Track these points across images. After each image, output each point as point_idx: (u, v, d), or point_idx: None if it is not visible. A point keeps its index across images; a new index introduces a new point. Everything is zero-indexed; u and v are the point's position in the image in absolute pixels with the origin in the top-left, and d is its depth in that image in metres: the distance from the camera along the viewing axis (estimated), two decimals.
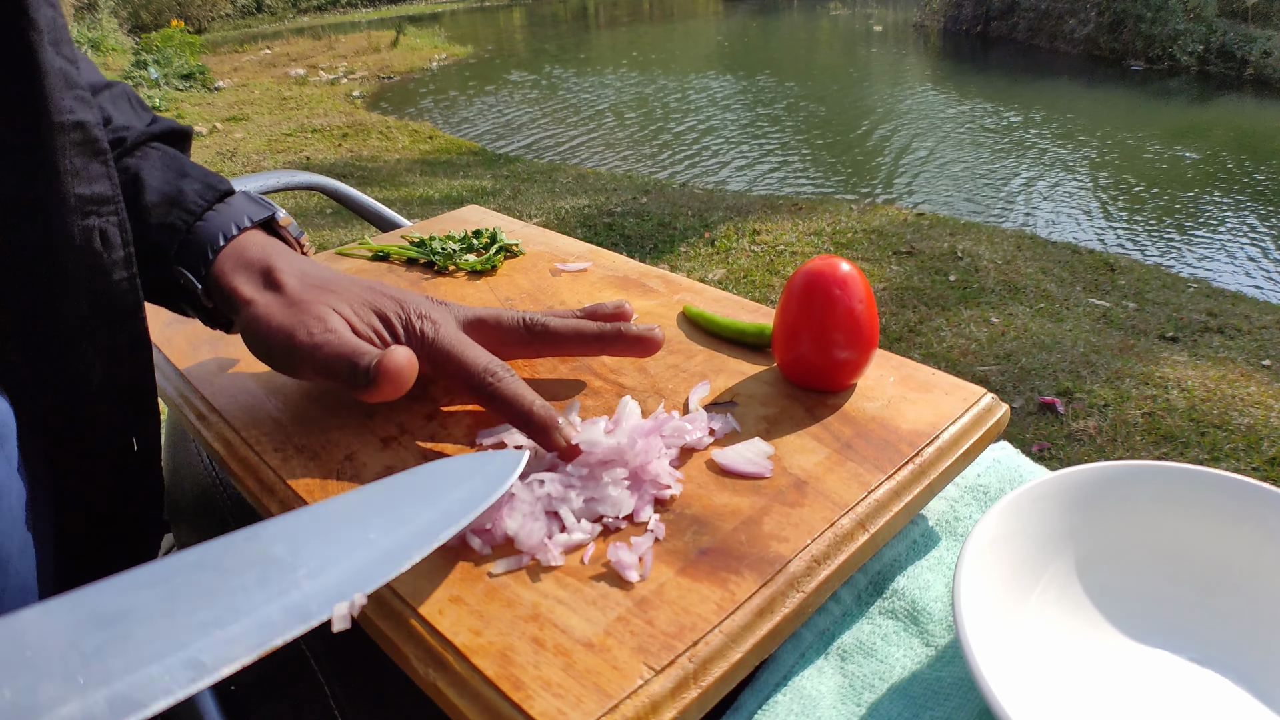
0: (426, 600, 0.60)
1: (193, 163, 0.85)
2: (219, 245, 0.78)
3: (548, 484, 0.66)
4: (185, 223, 0.78)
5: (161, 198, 0.79)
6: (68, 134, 0.65)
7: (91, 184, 0.67)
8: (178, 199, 0.79)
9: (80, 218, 0.66)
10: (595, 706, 0.52)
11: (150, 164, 0.81)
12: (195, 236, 0.78)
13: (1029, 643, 0.64)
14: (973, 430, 0.76)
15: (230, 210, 0.81)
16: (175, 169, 0.82)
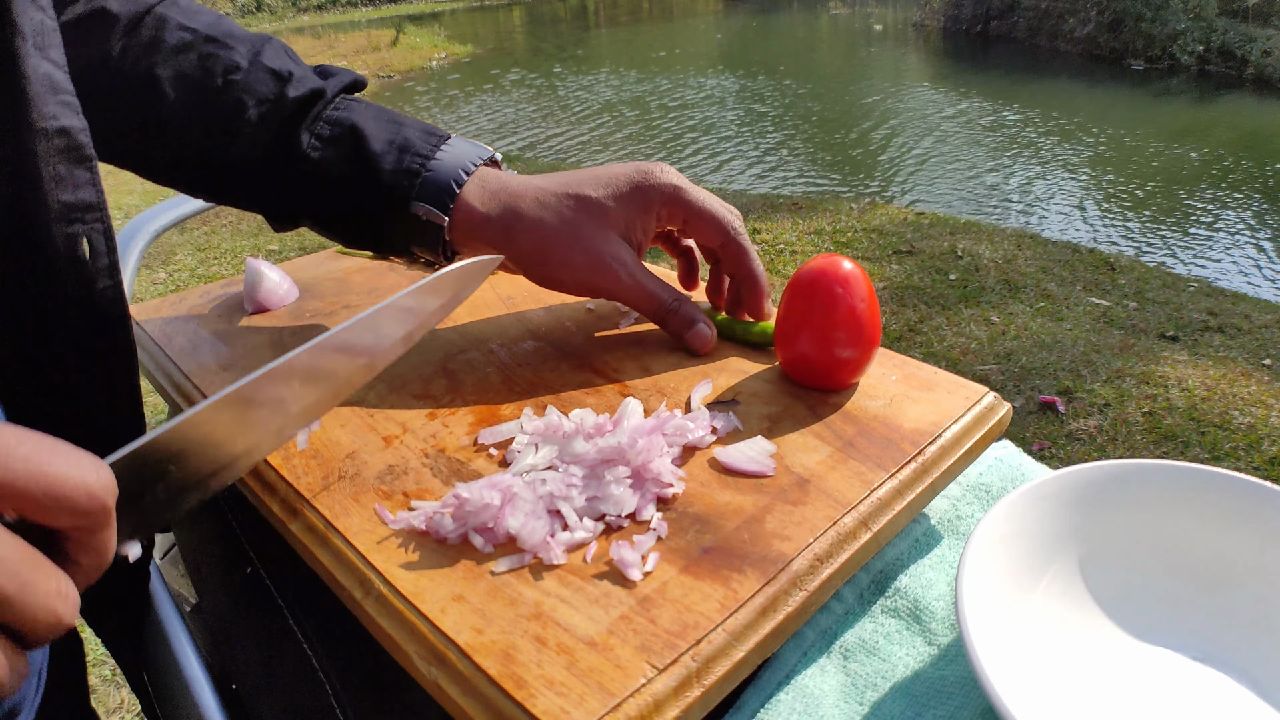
0: (428, 599, 0.60)
1: (398, 112, 0.92)
2: (462, 180, 0.87)
3: (550, 482, 0.66)
4: (421, 164, 0.86)
5: (388, 144, 0.86)
6: (51, 140, 0.64)
7: (76, 191, 0.66)
8: (405, 145, 0.86)
9: (65, 225, 0.65)
10: (598, 705, 0.52)
11: (361, 115, 0.88)
12: (433, 175, 0.86)
13: (1032, 641, 0.64)
14: (975, 429, 0.76)
15: (457, 151, 0.88)
16: (388, 118, 0.89)
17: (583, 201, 0.86)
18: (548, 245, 0.85)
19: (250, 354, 0.91)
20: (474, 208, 0.86)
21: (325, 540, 0.67)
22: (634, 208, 0.86)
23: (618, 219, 0.86)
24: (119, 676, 2.32)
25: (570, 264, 0.86)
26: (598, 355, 0.87)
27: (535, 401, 0.81)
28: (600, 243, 0.85)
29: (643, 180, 0.86)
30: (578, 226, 0.85)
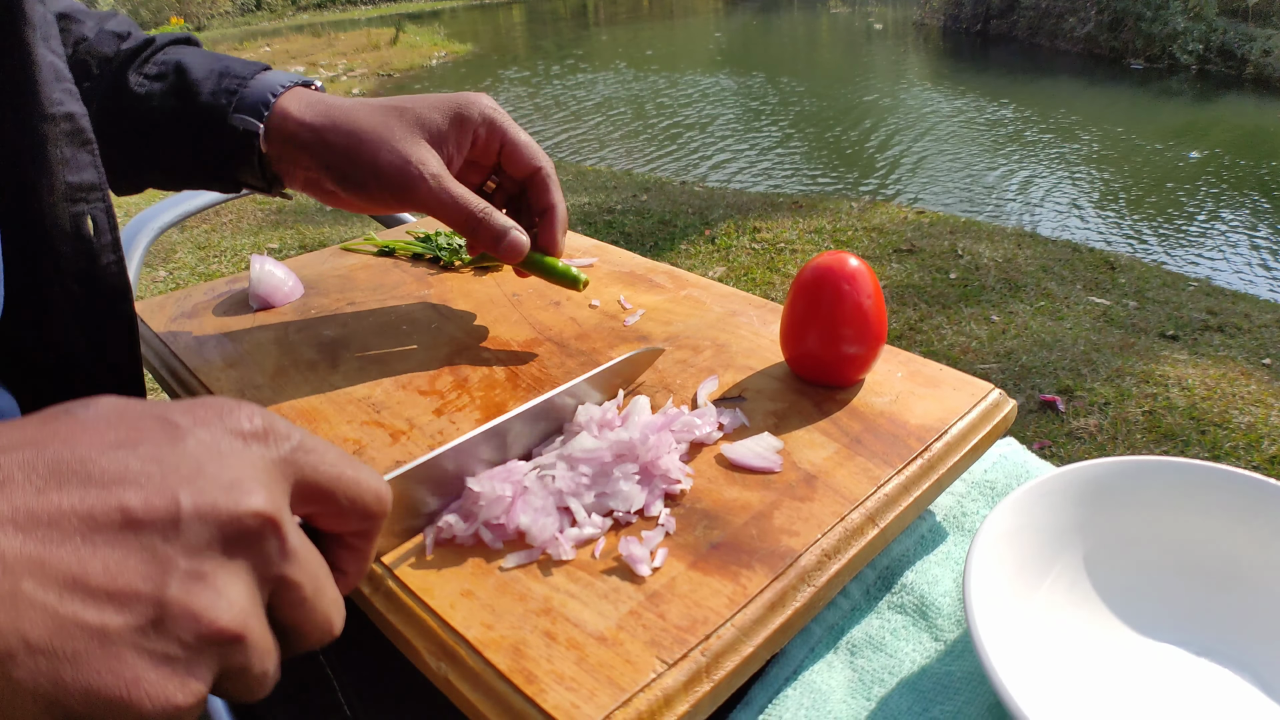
0: (437, 594, 0.60)
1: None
2: (278, 92, 0.87)
3: (559, 479, 0.66)
4: (239, 84, 0.86)
5: (209, 72, 0.87)
6: (58, 124, 0.67)
7: (80, 172, 0.70)
8: (225, 71, 0.87)
9: (70, 204, 0.69)
10: (608, 700, 0.52)
11: (187, 54, 0.90)
12: (249, 91, 0.86)
13: (1038, 636, 0.64)
14: (980, 425, 0.76)
15: (272, 75, 0.89)
16: (211, 55, 0.90)
17: (399, 110, 0.87)
18: (357, 146, 0.85)
19: (256, 351, 0.91)
20: (289, 113, 0.86)
21: None
22: (451, 123, 0.87)
23: (433, 129, 0.87)
24: None
25: (377, 167, 0.85)
26: (603, 352, 0.87)
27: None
28: (409, 146, 0.85)
29: (465, 101, 0.88)
30: (390, 129, 0.85)
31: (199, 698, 0.36)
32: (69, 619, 0.33)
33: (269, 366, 0.88)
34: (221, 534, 0.37)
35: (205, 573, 0.37)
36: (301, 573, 0.41)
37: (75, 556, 0.34)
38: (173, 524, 0.36)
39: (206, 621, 0.36)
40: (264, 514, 0.39)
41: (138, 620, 0.34)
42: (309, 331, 0.95)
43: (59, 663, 0.33)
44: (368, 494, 0.45)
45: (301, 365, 0.88)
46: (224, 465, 0.39)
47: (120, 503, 0.35)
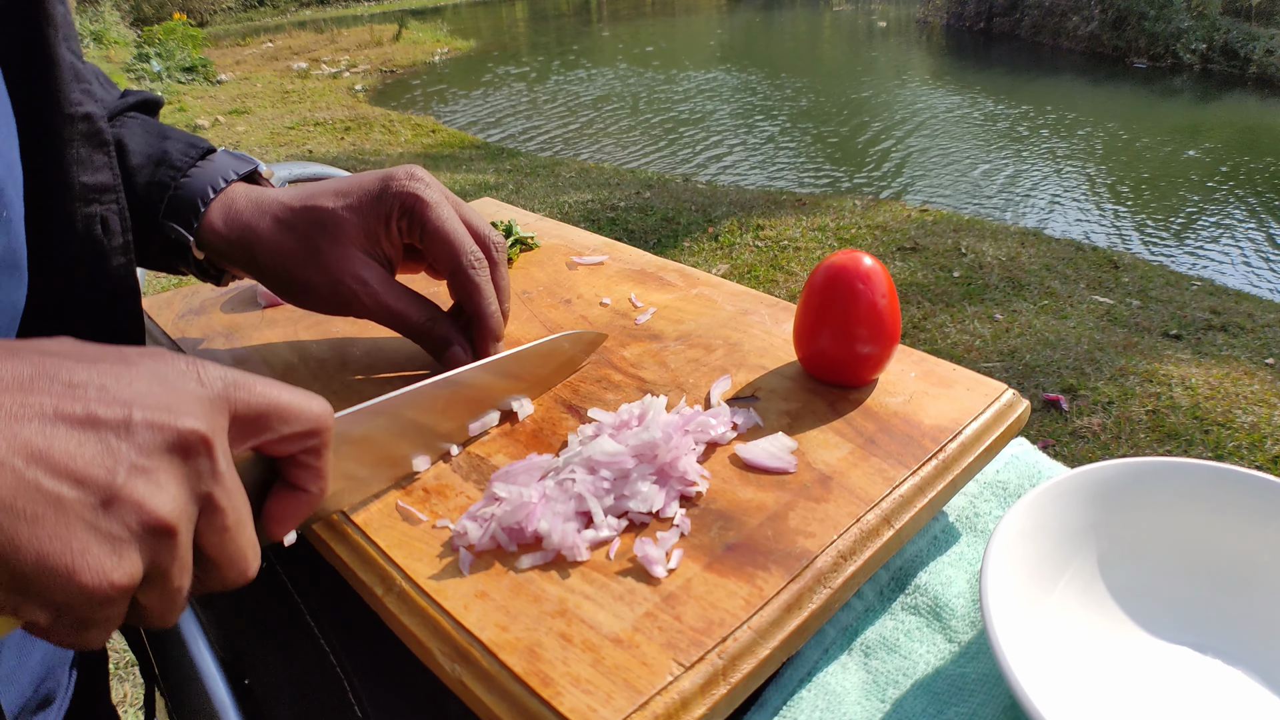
0: (451, 595, 0.59)
1: (172, 126, 0.87)
2: (209, 198, 0.81)
3: (579, 483, 0.65)
4: (172, 179, 0.81)
5: (146, 159, 0.82)
6: (76, 125, 0.67)
7: (95, 173, 0.69)
8: (162, 158, 0.82)
9: (84, 205, 0.69)
10: (625, 703, 0.51)
11: (131, 130, 0.84)
12: (183, 192, 0.81)
13: (1053, 637, 0.64)
14: (994, 426, 0.75)
15: (214, 166, 0.84)
16: (156, 132, 0.85)
17: (320, 217, 0.81)
18: (286, 269, 0.81)
19: (264, 347, 0.91)
20: (217, 229, 0.82)
21: (344, 536, 0.67)
22: (374, 219, 0.80)
23: (357, 233, 0.80)
24: (121, 670, 2.32)
25: (309, 287, 0.81)
26: (615, 350, 0.87)
27: (553, 396, 0.81)
28: (338, 261, 0.80)
29: (382, 189, 0.80)
30: (315, 246, 0.80)
31: (132, 580, 0.43)
32: (31, 483, 0.39)
33: (277, 364, 0.88)
34: (165, 443, 0.44)
35: (150, 469, 0.43)
36: (227, 500, 0.47)
37: (42, 437, 0.40)
38: (126, 427, 0.43)
39: (149, 510, 0.43)
40: (200, 433, 0.45)
41: (90, 499, 0.41)
42: (318, 329, 0.94)
43: (18, 521, 0.39)
44: (304, 413, 0.52)
45: (310, 362, 0.88)
46: (167, 389, 0.46)
47: (84, 404, 0.42)
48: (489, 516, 0.64)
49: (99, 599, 0.42)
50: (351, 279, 0.80)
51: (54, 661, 0.71)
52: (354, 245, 0.80)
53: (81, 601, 0.41)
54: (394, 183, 0.80)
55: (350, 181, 0.82)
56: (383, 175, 0.81)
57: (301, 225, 0.81)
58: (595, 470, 0.67)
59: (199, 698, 0.73)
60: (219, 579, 0.50)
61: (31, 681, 0.69)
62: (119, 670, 2.32)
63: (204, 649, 0.76)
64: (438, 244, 0.80)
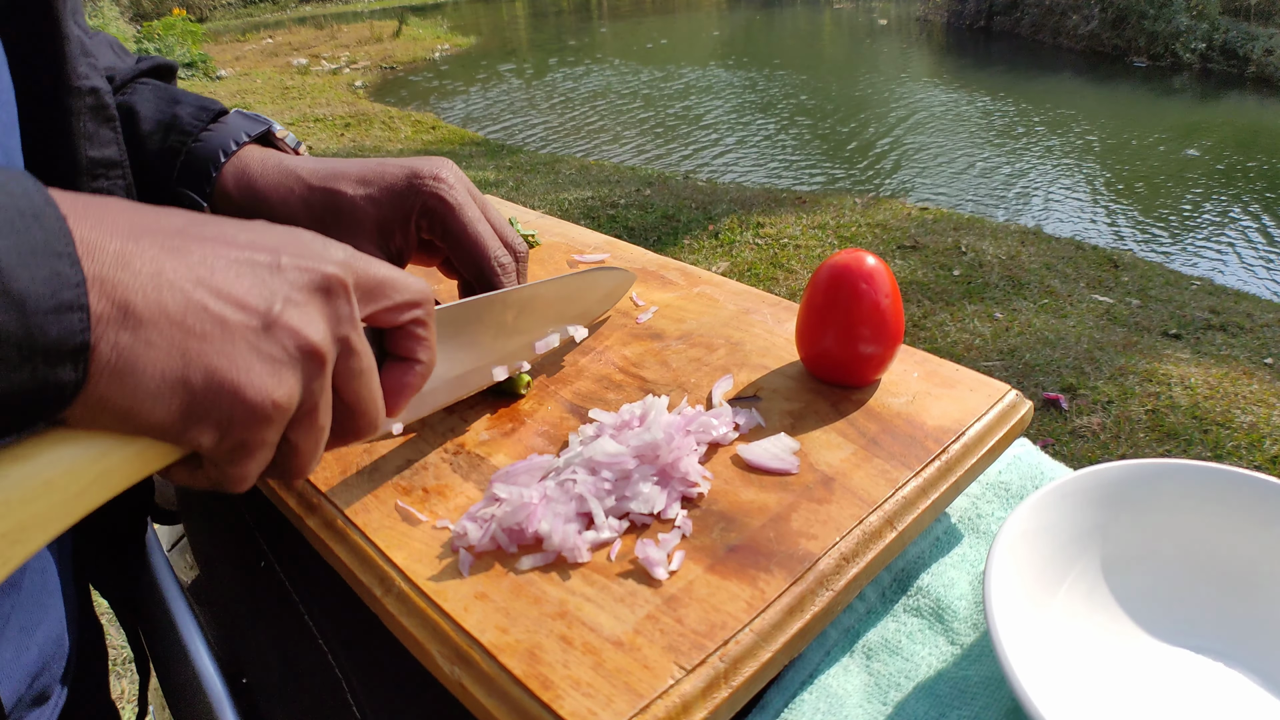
0: (451, 596, 0.59)
1: (184, 90, 0.87)
2: (220, 162, 0.81)
3: (580, 484, 0.65)
4: (182, 144, 0.81)
5: (156, 125, 0.81)
6: (83, 99, 0.67)
7: (102, 148, 0.69)
8: (173, 123, 0.82)
9: (90, 180, 0.69)
10: (626, 706, 0.51)
11: (142, 97, 0.83)
12: (195, 157, 0.81)
13: (1056, 640, 0.64)
14: (997, 427, 0.75)
15: (227, 128, 0.83)
16: (166, 98, 0.84)
17: (338, 204, 0.80)
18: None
19: None
20: (230, 195, 0.81)
21: (343, 536, 0.67)
22: (393, 214, 0.80)
23: (371, 226, 0.80)
24: (119, 666, 2.32)
25: None
26: (616, 350, 0.87)
27: (554, 396, 0.80)
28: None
29: (407, 184, 0.80)
30: (325, 230, 0.75)
31: (290, 400, 0.47)
32: (198, 303, 0.43)
33: None
34: (312, 281, 0.49)
35: (301, 302, 0.48)
36: (362, 344, 0.52)
37: (205, 268, 0.44)
38: (277, 266, 0.48)
39: (304, 336, 0.47)
40: (340, 277, 0.50)
41: (252, 322, 0.45)
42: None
43: (188, 337, 0.42)
44: (411, 285, 0.56)
45: None
46: (305, 245, 0.50)
47: (237, 249, 0.47)
48: (489, 517, 0.63)
49: (260, 416, 0.46)
50: None
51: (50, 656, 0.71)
52: (365, 238, 0.80)
53: (244, 418, 0.45)
54: (419, 181, 0.80)
55: (374, 170, 0.82)
56: (409, 171, 0.81)
57: (318, 208, 0.81)
58: (596, 471, 0.66)
59: (196, 694, 0.73)
60: (354, 426, 0.55)
61: (27, 676, 0.69)
62: (116, 666, 2.32)
63: (201, 646, 0.76)
64: (464, 248, 0.80)
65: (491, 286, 0.80)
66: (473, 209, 0.81)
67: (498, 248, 0.81)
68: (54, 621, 0.69)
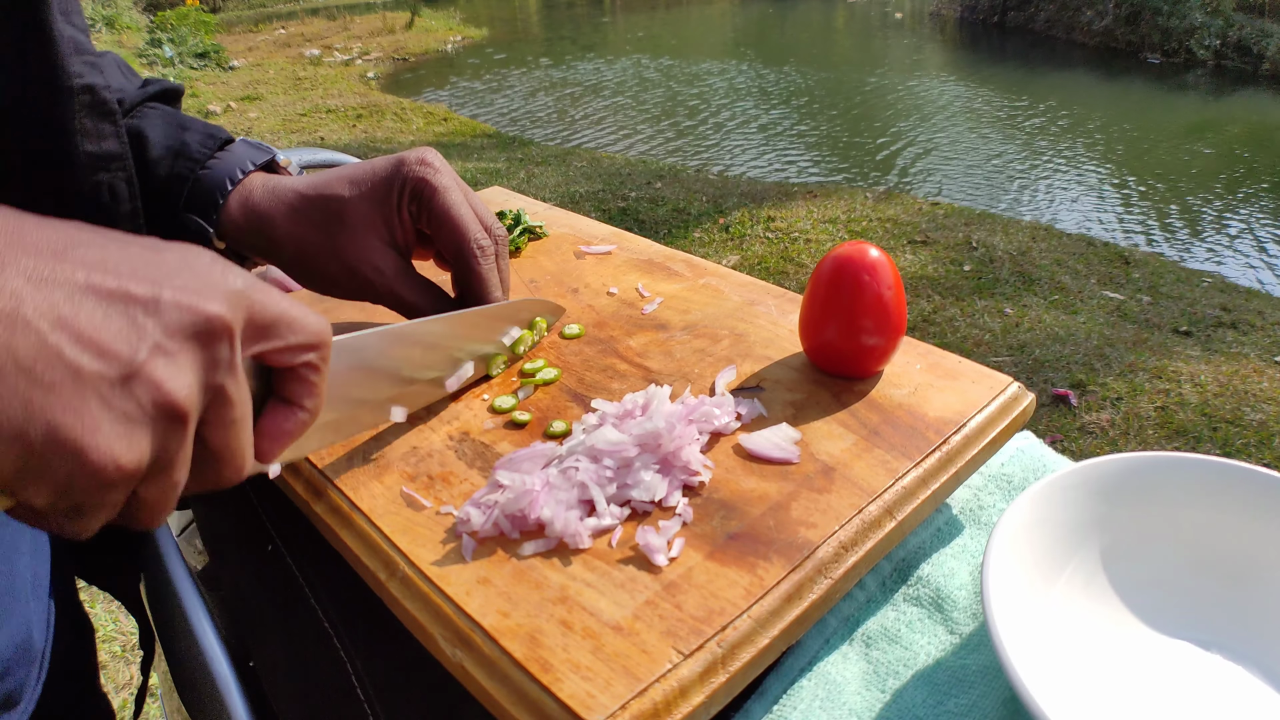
0: (453, 581, 0.60)
1: (191, 116, 0.88)
2: (227, 189, 0.82)
3: (583, 472, 0.65)
4: (191, 171, 0.82)
5: (165, 150, 0.83)
6: (78, 96, 0.68)
7: (101, 142, 0.71)
8: (181, 150, 0.83)
9: (90, 174, 0.70)
10: (624, 690, 0.52)
11: (151, 122, 0.85)
12: (202, 184, 0.82)
13: (1054, 630, 0.64)
14: (999, 419, 0.75)
15: (233, 156, 0.85)
16: (175, 123, 0.86)
17: (334, 206, 0.82)
18: (305, 259, 0.83)
19: None
20: (235, 220, 0.83)
21: (349, 521, 0.67)
22: (386, 205, 0.82)
23: (372, 221, 0.82)
24: (128, 653, 2.33)
25: (329, 277, 0.83)
26: (621, 340, 0.87)
27: (559, 386, 0.81)
28: (355, 250, 0.81)
29: (393, 174, 0.82)
30: (331, 236, 0.81)
31: (139, 464, 0.43)
32: (53, 349, 0.39)
33: None
34: (191, 325, 0.44)
35: (172, 351, 0.43)
36: (237, 392, 0.48)
37: (71, 305, 0.40)
38: (155, 305, 0.43)
39: (166, 391, 0.43)
40: (224, 320, 0.46)
41: (111, 373, 0.41)
42: (333, 312, 0.95)
43: (34, 387, 0.38)
44: (309, 326, 0.52)
45: None
46: (195, 276, 0.46)
47: (116, 278, 0.42)
48: (492, 503, 0.64)
49: (103, 480, 0.42)
50: (368, 268, 0.81)
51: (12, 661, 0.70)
52: (370, 233, 0.81)
53: (85, 481, 0.41)
54: (404, 167, 0.81)
55: (363, 169, 0.83)
56: (394, 160, 0.82)
57: (317, 215, 0.82)
58: (598, 459, 0.67)
59: (204, 678, 0.74)
60: (214, 475, 0.50)
61: None
62: (125, 653, 2.33)
63: (209, 631, 0.76)
64: (444, 228, 0.81)
65: (470, 268, 0.82)
66: (456, 193, 0.82)
67: (478, 230, 0.82)
68: (17, 625, 0.69)
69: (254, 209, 0.83)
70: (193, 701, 0.75)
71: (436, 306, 0.82)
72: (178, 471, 0.46)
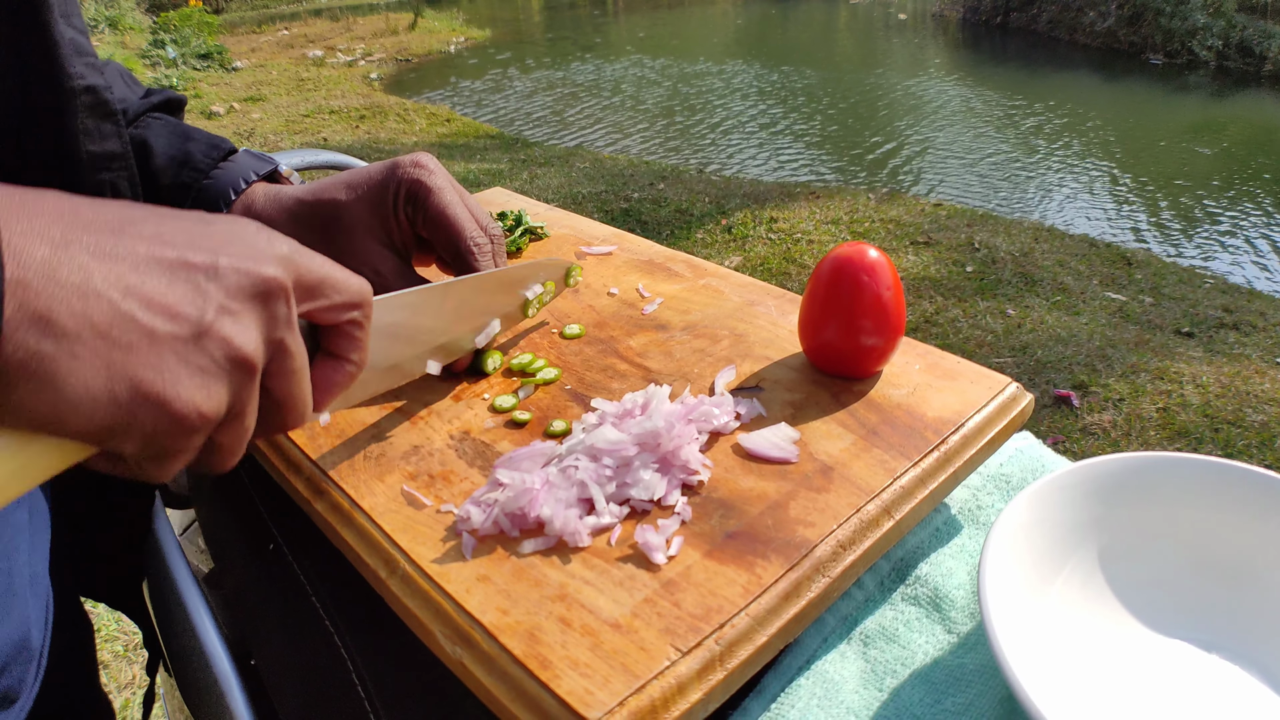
0: (454, 579, 0.60)
1: (194, 127, 0.89)
2: (231, 199, 0.84)
3: (582, 470, 0.66)
4: (195, 180, 0.84)
5: (169, 160, 0.84)
6: (79, 98, 0.69)
7: (104, 142, 0.72)
8: (185, 160, 0.85)
9: (93, 173, 0.71)
10: (622, 687, 0.52)
11: (155, 132, 0.86)
12: (206, 194, 0.84)
13: (1051, 629, 0.64)
14: (997, 419, 0.76)
15: (236, 167, 0.86)
16: (179, 133, 0.87)
17: (333, 211, 0.83)
18: None
19: None
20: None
21: (350, 520, 0.68)
22: (383, 208, 0.83)
23: (370, 224, 0.83)
24: (131, 652, 2.33)
25: None
26: (621, 340, 0.88)
27: (559, 385, 0.81)
28: (354, 253, 0.82)
29: (388, 177, 0.83)
30: (332, 240, 0.83)
31: (218, 411, 0.47)
32: (126, 314, 0.42)
33: None
34: (250, 286, 0.48)
35: (236, 310, 0.47)
36: (296, 345, 0.52)
37: (137, 275, 0.43)
38: (214, 271, 0.47)
39: (236, 345, 0.47)
40: (279, 280, 0.50)
41: (183, 332, 0.44)
42: None
43: (114, 348, 0.42)
44: (351, 285, 0.57)
45: None
46: (246, 244, 0.50)
47: (175, 249, 0.46)
48: (492, 502, 0.65)
49: (186, 427, 0.45)
50: (367, 270, 0.82)
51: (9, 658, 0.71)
52: (369, 236, 0.82)
53: (170, 429, 0.45)
54: (399, 170, 0.82)
55: (360, 173, 0.84)
56: (389, 164, 0.83)
57: (317, 220, 0.83)
58: (598, 458, 0.67)
59: (205, 676, 0.74)
60: (280, 421, 0.55)
61: None
62: (128, 653, 2.33)
63: (211, 628, 0.77)
64: (440, 228, 0.82)
65: (468, 266, 0.82)
66: (450, 193, 0.83)
67: (474, 229, 0.83)
68: (15, 623, 0.69)
69: (256, 217, 0.83)
70: (194, 699, 0.76)
71: None
72: (249, 418, 0.50)
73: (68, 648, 0.83)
